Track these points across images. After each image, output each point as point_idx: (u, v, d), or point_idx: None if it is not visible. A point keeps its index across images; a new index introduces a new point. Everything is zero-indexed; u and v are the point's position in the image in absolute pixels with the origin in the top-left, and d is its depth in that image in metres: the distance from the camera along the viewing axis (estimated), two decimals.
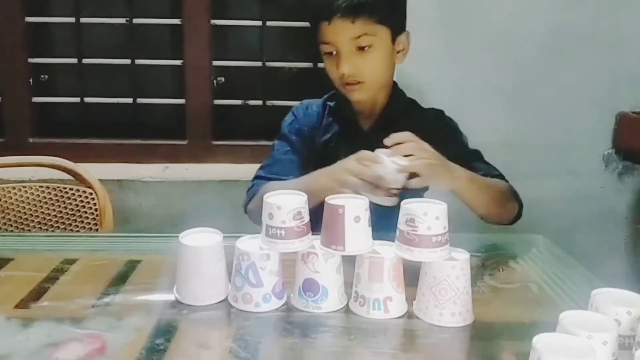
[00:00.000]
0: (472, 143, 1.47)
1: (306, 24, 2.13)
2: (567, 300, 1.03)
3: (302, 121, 1.45)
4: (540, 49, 2.04)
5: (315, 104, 1.48)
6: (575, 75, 2.05)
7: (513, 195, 1.36)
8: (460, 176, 1.19)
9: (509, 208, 1.35)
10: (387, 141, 1.13)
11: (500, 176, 1.39)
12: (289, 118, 1.48)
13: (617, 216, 2.17)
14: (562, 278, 1.13)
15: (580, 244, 1.48)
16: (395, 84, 1.45)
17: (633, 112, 2.07)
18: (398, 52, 1.38)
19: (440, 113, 1.47)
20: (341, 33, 1.29)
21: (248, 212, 1.38)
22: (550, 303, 1.03)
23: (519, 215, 1.37)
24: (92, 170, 1.67)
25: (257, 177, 1.42)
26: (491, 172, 1.38)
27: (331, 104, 1.45)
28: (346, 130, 1.42)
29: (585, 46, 2.03)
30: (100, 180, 1.66)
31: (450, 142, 1.42)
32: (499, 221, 1.33)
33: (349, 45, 1.30)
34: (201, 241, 0.99)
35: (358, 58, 1.31)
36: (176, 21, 2.13)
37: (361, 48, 1.30)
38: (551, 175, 2.10)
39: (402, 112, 1.43)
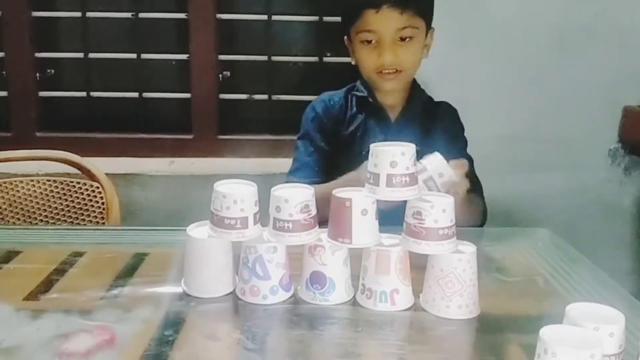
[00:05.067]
0: (478, 137, 1.47)
1: (311, 18, 2.16)
2: (573, 293, 1.03)
3: (324, 116, 1.45)
4: (545, 42, 2.04)
5: (336, 96, 1.48)
6: (581, 69, 2.05)
7: (478, 212, 1.37)
8: None
9: (471, 220, 1.34)
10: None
11: (478, 185, 1.41)
12: (310, 114, 1.47)
13: (622, 210, 2.17)
14: (567, 271, 1.13)
15: (586, 237, 1.48)
16: (414, 79, 1.46)
17: (639, 106, 2.06)
18: (424, 46, 1.41)
19: (455, 111, 1.50)
20: (388, 22, 1.31)
21: None
22: (556, 295, 1.03)
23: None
24: (99, 164, 1.68)
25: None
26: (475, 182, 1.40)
27: (358, 93, 1.45)
28: (374, 121, 1.43)
29: (591, 40, 2.03)
30: (107, 174, 1.66)
31: (457, 142, 1.47)
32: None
33: (393, 35, 1.32)
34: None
35: (399, 48, 1.33)
36: (182, 15, 2.13)
37: (402, 39, 1.33)
38: (557, 169, 2.10)
39: (423, 107, 1.45)
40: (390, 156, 0.93)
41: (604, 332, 0.73)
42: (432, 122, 1.44)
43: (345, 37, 1.43)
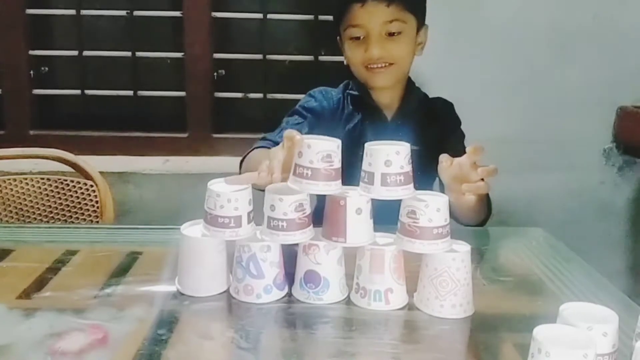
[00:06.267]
0: (473, 137, 1.47)
1: (307, 17, 2.16)
2: (567, 292, 1.03)
3: (320, 102, 1.44)
4: (542, 43, 2.04)
5: (334, 90, 1.48)
6: (576, 70, 2.05)
7: (487, 203, 1.35)
8: None
9: (481, 215, 1.33)
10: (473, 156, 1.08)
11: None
12: (305, 98, 1.46)
13: (616, 210, 2.17)
14: (561, 271, 1.13)
15: (580, 237, 1.48)
16: (409, 77, 1.46)
17: (634, 107, 2.07)
18: (418, 44, 1.40)
19: (451, 105, 1.50)
20: (374, 16, 1.30)
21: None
22: (550, 295, 1.03)
23: (484, 222, 1.36)
24: (93, 163, 1.67)
25: (260, 139, 1.41)
26: None
27: (353, 92, 1.44)
28: (370, 119, 1.42)
29: (586, 41, 2.04)
30: (101, 172, 1.66)
31: (453, 135, 1.46)
32: (466, 223, 1.33)
33: (380, 29, 1.31)
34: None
35: (387, 42, 1.33)
36: (177, 13, 2.12)
37: (391, 34, 1.32)
38: (552, 169, 2.10)
39: (419, 105, 1.44)
40: (385, 155, 0.93)
41: (598, 331, 0.74)
42: (429, 119, 1.44)
43: (338, 37, 1.42)
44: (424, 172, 1.37)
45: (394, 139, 1.01)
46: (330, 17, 1.92)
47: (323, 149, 0.93)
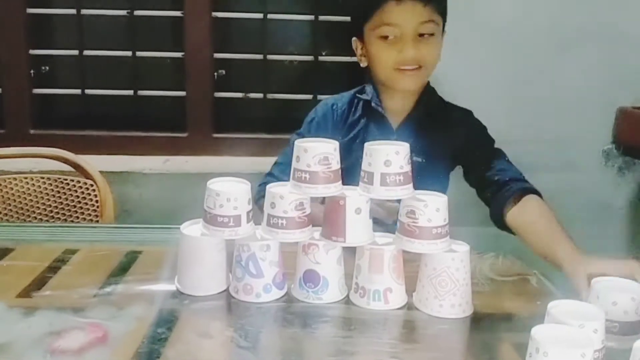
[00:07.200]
0: None
1: (307, 17, 2.16)
2: (566, 293, 1.03)
3: (322, 120, 1.39)
4: (542, 44, 2.04)
5: (340, 101, 1.41)
6: (576, 71, 2.05)
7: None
8: None
9: None
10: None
11: (522, 176, 1.38)
12: (310, 115, 1.42)
13: (616, 211, 2.17)
14: (560, 271, 1.13)
15: (579, 238, 1.48)
16: (428, 82, 1.40)
17: (633, 108, 2.07)
18: None
19: (468, 113, 1.43)
20: (411, 15, 1.25)
21: (259, 207, 1.34)
22: (548, 295, 1.03)
23: None
24: (93, 162, 1.67)
25: (270, 174, 1.37)
26: (516, 175, 1.37)
27: (363, 97, 1.38)
28: (375, 128, 1.36)
29: (587, 41, 2.03)
30: (101, 172, 1.66)
31: (477, 144, 1.40)
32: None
33: (415, 30, 1.26)
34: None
35: (421, 44, 1.27)
36: (177, 13, 2.12)
37: (422, 35, 1.27)
38: (551, 169, 2.09)
39: (432, 111, 1.38)
40: (384, 155, 0.93)
41: (589, 328, 0.74)
42: (440, 129, 1.37)
43: (355, 38, 1.35)
44: (434, 183, 1.19)
45: None
46: (331, 18, 1.92)
47: (320, 152, 0.93)
